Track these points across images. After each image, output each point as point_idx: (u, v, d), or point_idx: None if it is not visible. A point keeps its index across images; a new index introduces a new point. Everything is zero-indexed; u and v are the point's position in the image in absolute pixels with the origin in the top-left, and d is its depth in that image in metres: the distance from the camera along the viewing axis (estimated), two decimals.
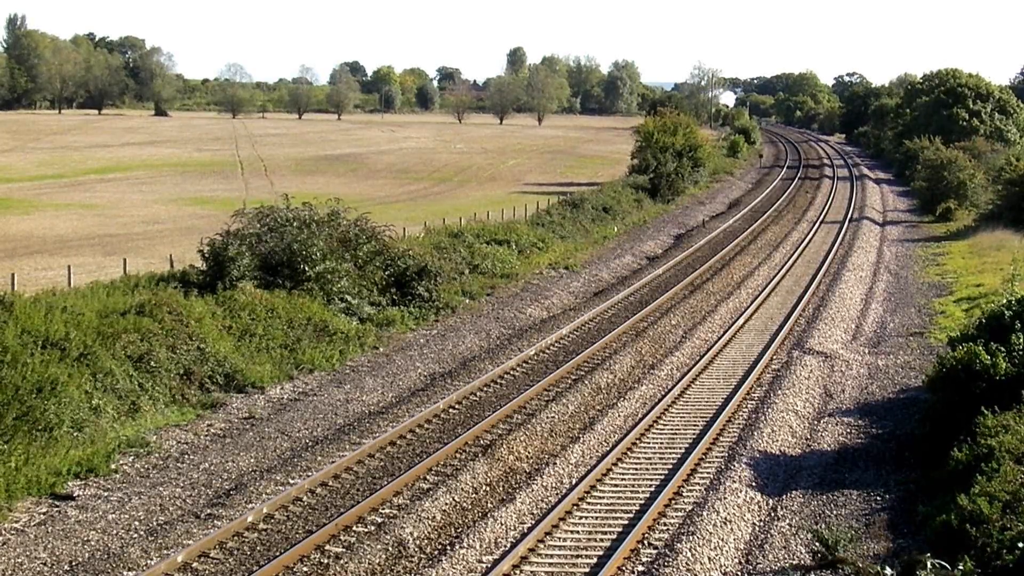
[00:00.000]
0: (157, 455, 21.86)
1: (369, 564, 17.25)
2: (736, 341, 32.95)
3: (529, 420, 24.42)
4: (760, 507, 20.11)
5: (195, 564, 17.12)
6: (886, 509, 19.94)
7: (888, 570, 16.27)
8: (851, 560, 17.02)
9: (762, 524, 19.41)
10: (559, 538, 18.65)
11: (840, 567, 17.06)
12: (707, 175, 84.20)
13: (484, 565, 17.49)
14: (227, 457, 21.93)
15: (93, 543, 17.74)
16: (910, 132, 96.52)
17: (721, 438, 23.84)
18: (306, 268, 31.86)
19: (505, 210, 52.95)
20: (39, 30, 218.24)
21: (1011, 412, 20.59)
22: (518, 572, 17.33)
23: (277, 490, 20.15)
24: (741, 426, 24.61)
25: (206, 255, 30.96)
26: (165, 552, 17.45)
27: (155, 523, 18.64)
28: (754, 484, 21.01)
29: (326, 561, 17.30)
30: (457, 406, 25.72)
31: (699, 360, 30.10)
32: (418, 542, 18.20)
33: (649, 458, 22.68)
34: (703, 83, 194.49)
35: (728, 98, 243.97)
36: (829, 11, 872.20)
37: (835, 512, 19.89)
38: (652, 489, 20.76)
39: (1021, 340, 22.71)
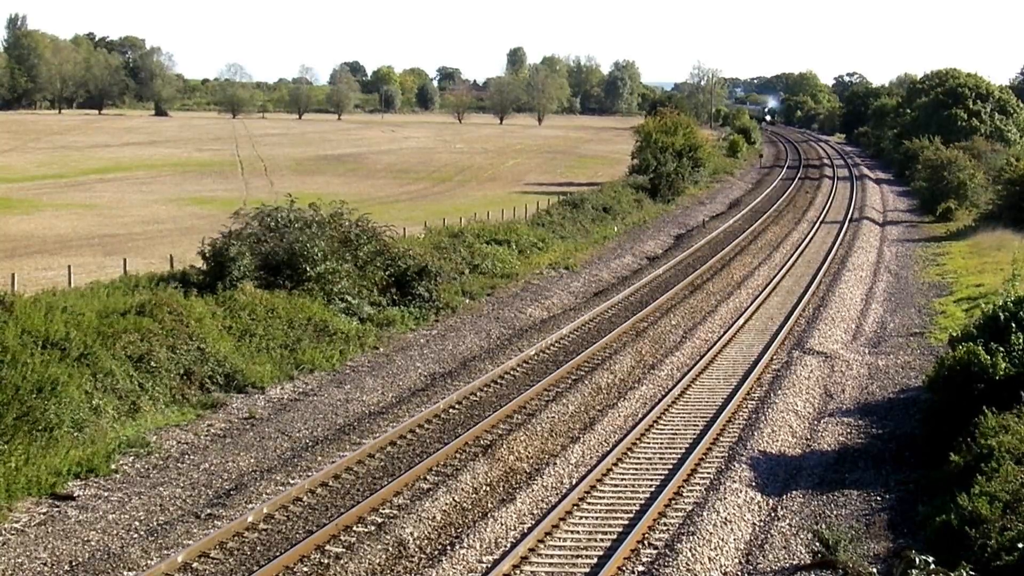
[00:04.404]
0: (157, 455, 21.86)
1: (369, 564, 17.25)
2: (736, 341, 32.95)
3: (529, 420, 24.43)
4: (760, 507, 20.11)
5: (195, 564, 17.12)
6: (886, 509, 19.95)
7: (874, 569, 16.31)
8: (844, 561, 17.01)
9: (762, 524, 19.41)
10: (559, 538, 18.65)
11: (836, 568, 17.06)
12: (707, 175, 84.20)
13: (484, 565, 17.49)
14: (227, 457, 21.93)
15: (93, 543, 17.75)
16: (910, 132, 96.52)
17: (721, 438, 23.84)
18: (307, 268, 31.87)
19: (505, 210, 52.96)
20: (39, 30, 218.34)
21: (1011, 412, 20.59)
22: (518, 572, 17.33)
23: (277, 490, 20.15)
24: (741, 426, 24.61)
25: (207, 255, 30.97)
26: (165, 552, 17.45)
27: (155, 523, 18.65)
28: (754, 484, 21.01)
29: (326, 561, 17.30)
30: (457, 406, 25.72)
31: (699, 360, 30.10)
32: (418, 542, 18.21)
33: (649, 458, 22.68)
34: (703, 83, 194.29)
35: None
36: (829, 11, 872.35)
37: (835, 512, 19.89)
38: (652, 489, 20.76)
39: (1020, 340, 22.72)
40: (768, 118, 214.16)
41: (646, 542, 18.40)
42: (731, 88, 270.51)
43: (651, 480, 21.35)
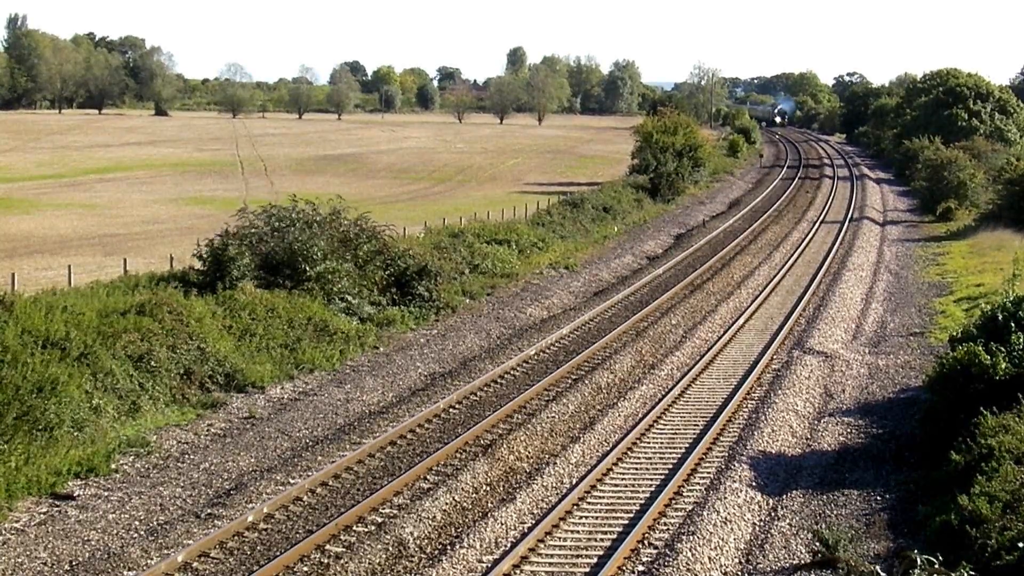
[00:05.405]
0: (157, 455, 21.86)
1: (369, 564, 17.25)
2: (736, 341, 32.95)
3: (529, 420, 24.43)
4: (760, 507, 20.11)
5: (195, 564, 17.12)
6: (886, 509, 19.95)
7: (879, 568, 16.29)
8: (845, 559, 17.02)
9: (762, 524, 19.41)
10: (559, 538, 18.65)
11: (837, 566, 17.06)
12: (707, 175, 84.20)
13: (484, 565, 17.49)
14: (227, 457, 21.93)
15: (93, 543, 17.75)
16: (910, 132, 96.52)
17: (721, 438, 23.84)
18: (307, 268, 31.87)
19: (505, 210, 52.97)
20: (39, 30, 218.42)
21: (1011, 412, 20.59)
22: (518, 572, 17.33)
23: (277, 490, 20.16)
24: (741, 426, 24.61)
25: (204, 256, 30.91)
26: (165, 552, 17.45)
27: (155, 523, 18.65)
28: (754, 484, 21.01)
29: (326, 561, 17.30)
30: (457, 406, 25.72)
31: (699, 360, 30.10)
32: (418, 542, 18.21)
33: (649, 458, 22.68)
34: (703, 83, 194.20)
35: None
36: (829, 11, 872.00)
37: (835, 512, 19.89)
38: (652, 489, 20.76)
39: (1020, 340, 22.72)
40: (779, 119, 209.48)
41: (646, 542, 18.40)
42: (731, 88, 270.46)
43: (651, 480, 21.35)
